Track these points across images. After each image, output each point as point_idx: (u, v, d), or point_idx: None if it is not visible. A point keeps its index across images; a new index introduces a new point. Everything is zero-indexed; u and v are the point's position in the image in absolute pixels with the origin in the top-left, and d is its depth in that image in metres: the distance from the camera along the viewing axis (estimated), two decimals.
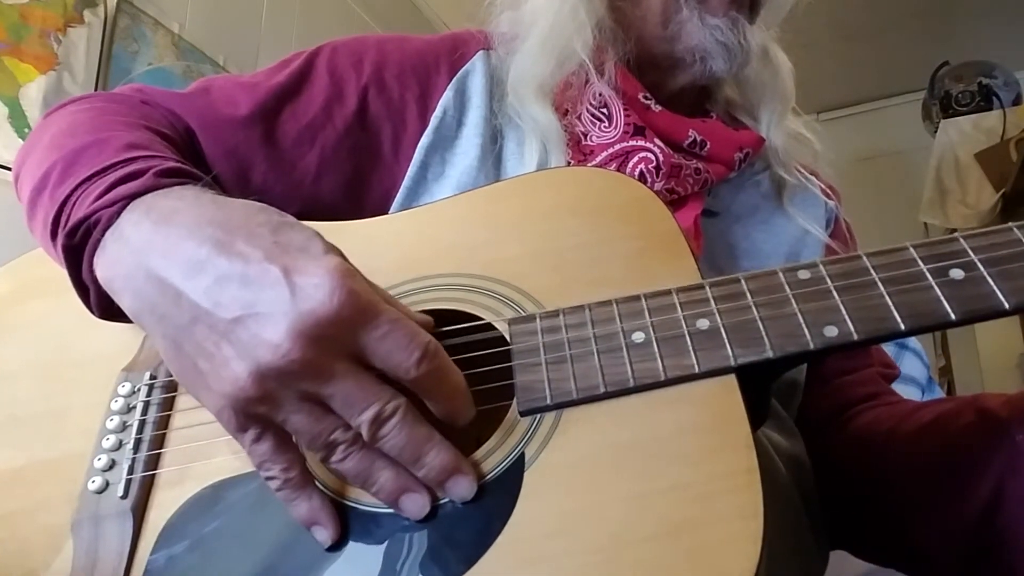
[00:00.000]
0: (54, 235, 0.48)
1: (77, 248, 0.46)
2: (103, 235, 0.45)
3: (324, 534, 0.40)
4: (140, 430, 0.49)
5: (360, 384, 0.38)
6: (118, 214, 0.45)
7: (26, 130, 1.48)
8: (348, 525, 0.41)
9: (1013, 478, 0.49)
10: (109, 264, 0.44)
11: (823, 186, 0.76)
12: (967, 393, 0.57)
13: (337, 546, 0.40)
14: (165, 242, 0.41)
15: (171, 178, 0.47)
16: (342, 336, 0.38)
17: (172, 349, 0.41)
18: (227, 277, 0.39)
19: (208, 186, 0.47)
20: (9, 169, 1.44)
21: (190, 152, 0.61)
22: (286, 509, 0.41)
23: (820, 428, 0.68)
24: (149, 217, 0.43)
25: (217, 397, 0.39)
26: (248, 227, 0.41)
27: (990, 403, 0.52)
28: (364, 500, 0.41)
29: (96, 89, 1.63)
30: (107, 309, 0.46)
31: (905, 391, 0.73)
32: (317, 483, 0.43)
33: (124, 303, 0.43)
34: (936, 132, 3.04)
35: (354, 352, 0.38)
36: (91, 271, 0.45)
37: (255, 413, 0.38)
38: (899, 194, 3.46)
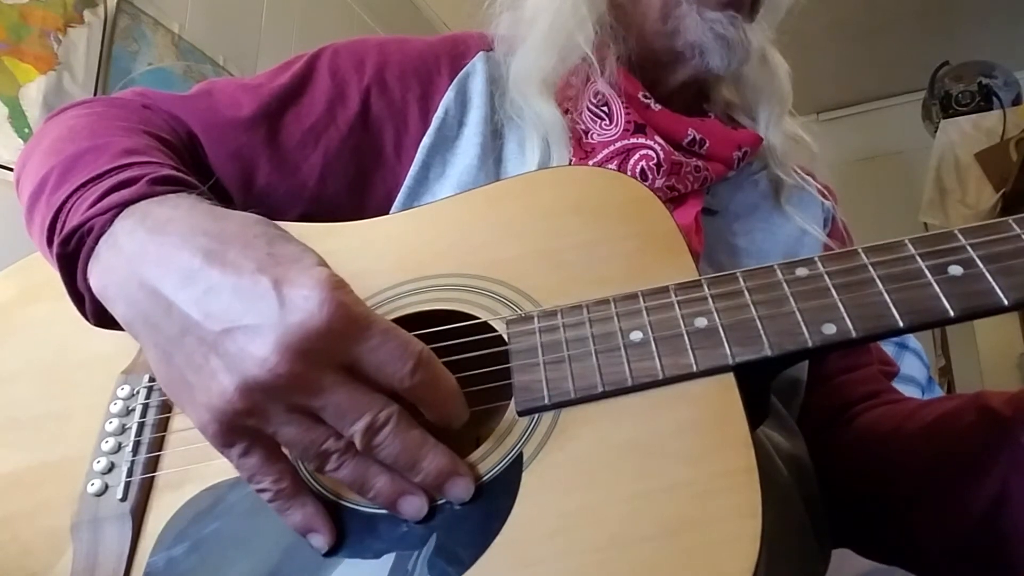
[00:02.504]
0: (50, 242, 0.47)
1: (71, 256, 0.46)
2: (97, 243, 0.44)
3: (320, 540, 0.40)
4: (139, 432, 0.49)
5: (351, 395, 0.38)
6: (111, 222, 0.44)
7: (26, 130, 1.48)
8: (348, 526, 0.41)
9: (1017, 477, 0.49)
10: (103, 272, 0.44)
11: (820, 187, 0.76)
12: (968, 393, 0.57)
13: (337, 547, 0.40)
14: (159, 251, 0.41)
15: (165, 186, 0.47)
16: (332, 348, 0.37)
17: (162, 360, 0.40)
18: (218, 288, 0.38)
19: (203, 195, 0.47)
20: (9, 169, 1.45)
21: (191, 156, 0.61)
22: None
23: (823, 426, 0.68)
24: (144, 225, 0.43)
25: (203, 410, 0.38)
26: (244, 238, 0.41)
27: (992, 402, 0.52)
28: (363, 501, 0.41)
29: (96, 89, 1.63)
30: (102, 317, 0.46)
31: (905, 391, 0.73)
32: (317, 485, 0.43)
33: (117, 312, 0.43)
34: (936, 132, 3.04)
35: (344, 363, 0.38)
36: (85, 279, 0.45)
37: (243, 426, 0.38)
38: (899, 194, 3.46)
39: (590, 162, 0.65)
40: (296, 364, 0.36)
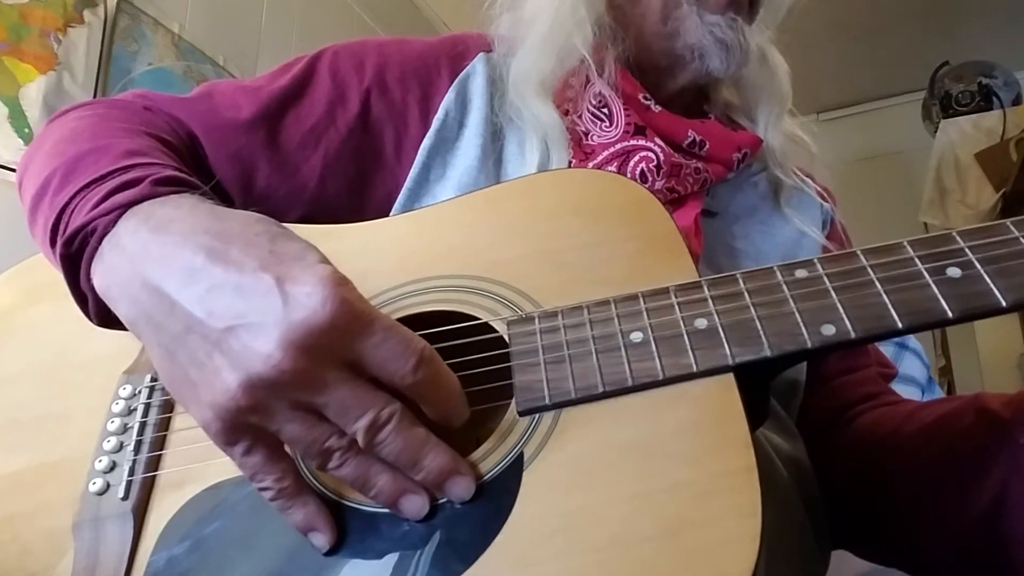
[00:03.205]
0: (53, 243, 0.48)
1: (75, 257, 0.46)
2: (100, 243, 0.45)
3: (321, 539, 0.40)
4: (141, 432, 0.49)
5: (354, 392, 0.38)
6: (114, 223, 0.45)
7: (26, 130, 1.48)
8: (350, 526, 0.41)
9: (1016, 479, 0.49)
10: (106, 272, 0.44)
11: (819, 188, 0.76)
12: (967, 393, 0.57)
13: (338, 547, 0.41)
14: (162, 250, 0.41)
15: (168, 186, 0.47)
16: (335, 345, 0.37)
17: (165, 358, 0.40)
18: (221, 286, 0.39)
19: (206, 195, 0.47)
20: (9, 169, 1.45)
21: (192, 158, 0.61)
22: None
23: (822, 428, 0.68)
24: (147, 225, 0.43)
25: (207, 408, 0.38)
26: (246, 236, 0.41)
27: (991, 403, 0.52)
28: (365, 501, 0.41)
29: (96, 89, 1.63)
30: (105, 317, 0.46)
31: (905, 391, 0.74)
32: (319, 484, 0.43)
33: (120, 312, 0.43)
34: (936, 132, 3.04)
35: (347, 360, 0.38)
36: (89, 279, 0.46)
37: (246, 423, 0.38)
38: (899, 194, 3.47)
39: (590, 164, 0.65)
40: (300, 360, 0.36)
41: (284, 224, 0.46)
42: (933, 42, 3.20)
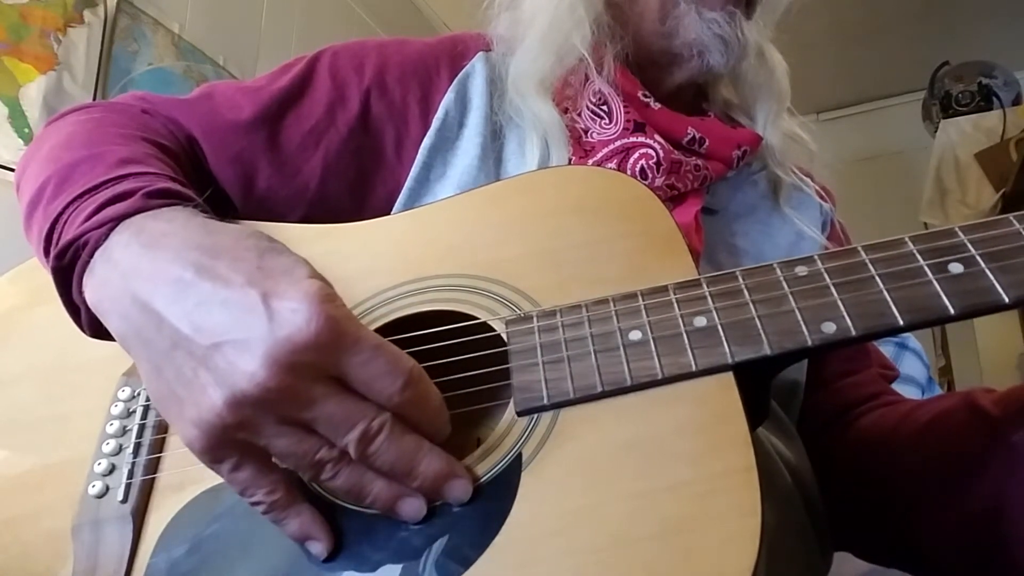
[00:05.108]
0: (47, 253, 0.47)
1: (66, 269, 0.46)
2: (91, 257, 0.44)
3: (318, 547, 0.40)
4: (140, 434, 0.49)
5: (342, 405, 0.38)
6: (106, 236, 0.44)
7: (26, 130, 1.49)
8: (348, 529, 0.41)
9: (1012, 480, 0.49)
10: (97, 286, 0.44)
11: (818, 188, 0.76)
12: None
13: (338, 550, 0.40)
14: (152, 266, 0.41)
15: (161, 199, 0.47)
16: (320, 362, 0.37)
17: (153, 374, 0.40)
18: (208, 301, 0.38)
19: (199, 207, 0.47)
20: (9, 169, 1.45)
21: (191, 161, 0.61)
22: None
23: (823, 430, 0.68)
24: (138, 240, 0.43)
25: (191, 425, 0.38)
26: (235, 251, 0.41)
27: (982, 401, 0.52)
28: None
29: (96, 88, 1.63)
30: (98, 329, 0.46)
31: (905, 391, 0.73)
32: (317, 488, 0.43)
33: (111, 326, 0.43)
34: (936, 132, 3.04)
35: (334, 376, 0.38)
36: (80, 292, 0.45)
37: (233, 439, 0.38)
38: (899, 194, 3.46)
39: (589, 161, 0.65)
40: (284, 378, 0.36)
41: (282, 225, 0.46)
42: (933, 42, 3.20)
